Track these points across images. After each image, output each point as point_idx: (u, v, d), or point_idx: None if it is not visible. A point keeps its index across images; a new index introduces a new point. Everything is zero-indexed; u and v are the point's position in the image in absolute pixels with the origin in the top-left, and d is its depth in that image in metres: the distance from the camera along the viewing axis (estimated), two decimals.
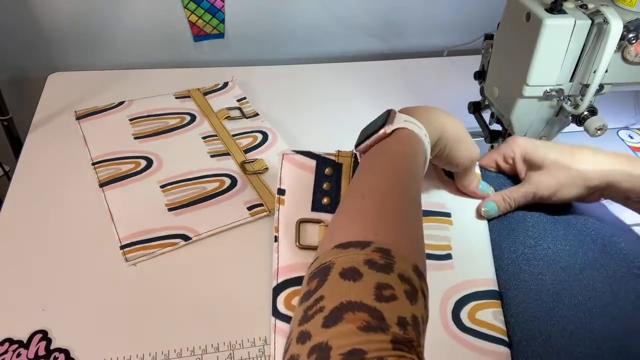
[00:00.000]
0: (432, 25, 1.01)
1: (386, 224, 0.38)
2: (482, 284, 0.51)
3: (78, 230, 0.61)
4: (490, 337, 0.47)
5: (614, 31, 0.51)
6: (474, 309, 0.49)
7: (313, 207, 0.54)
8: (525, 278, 0.50)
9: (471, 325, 0.48)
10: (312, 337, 0.31)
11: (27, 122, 0.77)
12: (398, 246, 0.36)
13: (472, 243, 0.54)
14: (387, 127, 0.47)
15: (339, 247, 0.36)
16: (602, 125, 0.56)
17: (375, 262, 0.34)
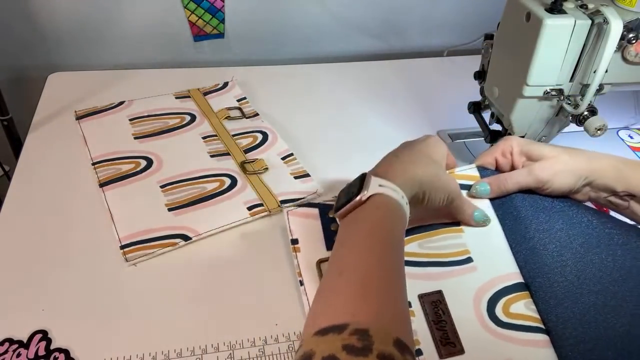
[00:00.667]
0: (432, 25, 1.01)
1: (363, 302, 0.38)
2: (507, 278, 0.52)
3: (78, 230, 0.61)
4: (528, 327, 0.49)
5: (614, 31, 0.51)
6: (506, 303, 0.51)
7: (327, 247, 0.57)
8: (546, 262, 0.52)
9: (508, 320, 0.50)
10: None
11: (27, 122, 0.77)
12: (377, 323, 0.36)
13: (489, 243, 0.55)
14: (362, 193, 0.46)
15: (318, 334, 0.37)
16: (602, 125, 0.56)
17: (353, 347, 0.34)
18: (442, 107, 0.86)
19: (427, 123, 0.82)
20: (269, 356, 0.50)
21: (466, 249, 0.55)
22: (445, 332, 0.49)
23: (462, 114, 0.72)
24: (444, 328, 0.49)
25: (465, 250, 0.55)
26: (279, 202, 0.65)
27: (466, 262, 0.54)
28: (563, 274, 0.51)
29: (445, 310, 0.50)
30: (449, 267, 0.53)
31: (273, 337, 0.51)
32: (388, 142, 0.78)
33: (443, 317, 0.50)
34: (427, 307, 0.50)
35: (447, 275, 0.53)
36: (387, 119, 0.83)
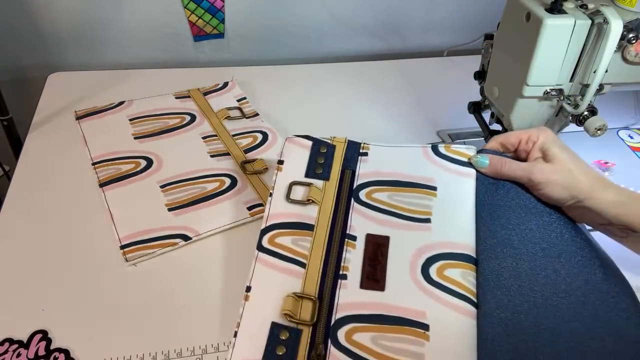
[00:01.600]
0: (432, 25, 1.01)
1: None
2: (457, 247, 0.53)
3: (78, 230, 0.61)
4: (456, 292, 0.50)
5: (614, 31, 0.51)
6: (443, 266, 0.52)
7: (307, 174, 0.60)
8: (503, 250, 0.52)
9: (438, 280, 0.51)
10: None
11: (27, 122, 0.77)
12: None
13: (454, 214, 0.56)
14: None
15: None
16: (602, 125, 0.56)
17: None
18: (442, 107, 0.86)
19: (427, 123, 0.82)
20: None
21: (429, 211, 0.56)
22: (374, 269, 0.51)
23: (462, 114, 0.72)
24: (375, 266, 0.51)
25: (427, 212, 0.56)
26: None
27: (423, 222, 0.55)
28: (515, 266, 0.51)
29: (384, 254, 0.52)
30: (405, 220, 0.55)
31: None
32: (388, 142, 0.78)
33: (379, 258, 0.52)
34: (369, 245, 0.53)
35: (400, 226, 0.55)
36: (387, 119, 0.83)
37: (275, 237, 0.55)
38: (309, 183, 0.58)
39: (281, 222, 0.56)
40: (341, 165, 0.61)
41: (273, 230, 0.55)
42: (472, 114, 0.70)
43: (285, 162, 0.60)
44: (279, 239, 0.54)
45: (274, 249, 0.53)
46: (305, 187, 0.58)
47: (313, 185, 0.58)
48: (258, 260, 0.53)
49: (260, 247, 0.54)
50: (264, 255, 0.53)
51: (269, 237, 0.54)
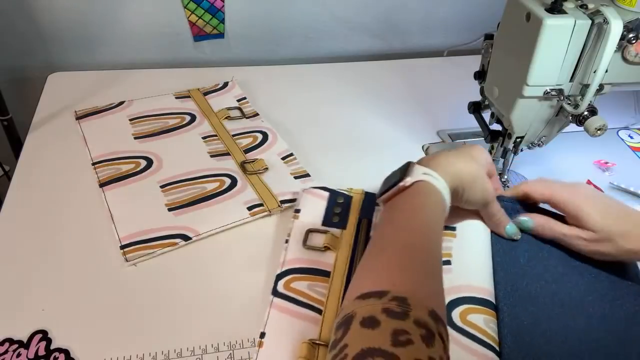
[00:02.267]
0: (432, 25, 1.01)
1: (403, 274, 0.41)
2: (477, 291, 0.53)
3: (78, 230, 0.61)
4: (479, 339, 0.49)
5: (614, 31, 0.51)
6: (466, 310, 0.51)
7: (324, 222, 0.61)
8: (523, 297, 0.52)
9: (461, 325, 0.50)
10: None
11: (27, 122, 0.77)
12: (414, 294, 0.39)
13: (474, 255, 0.56)
14: (406, 179, 0.49)
15: (360, 298, 0.40)
16: (602, 125, 0.56)
17: (392, 310, 0.37)
18: (442, 107, 0.86)
19: (427, 123, 0.82)
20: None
21: (448, 253, 0.56)
22: None
23: (462, 114, 0.72)
24: None
25: (447, 254, 0.56)
26: (279, 202, 0.65)
27: (444, 264, 0.54)
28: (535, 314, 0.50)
29: None
30: None
31: None
32: (388, 142, 0.78)
33: None
34: None
35: None
36: (387, 119, 0.83)
37: (290, 282, 0.54)
38: (326, 231, 0.59)
39: (297, 268, 0.56)
40: (358, 215, 0.62)
41: (289, 275, 0.55)
42: (472, 114, 0.70)
43: (302, 211, 0.61)
44: (294, 284, 0.54)
45: (290, 294, 0.53)
46: (322, 234, 0.59)
47: (330, 232, 0.59)
48: (273, 306, 0.52)
49: (275, 292, 0.53)
50: (279, 300, 0.53)
51: (285, 282, 0.54)
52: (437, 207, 0.48)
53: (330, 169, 0.72)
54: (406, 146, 0.77)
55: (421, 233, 0.46)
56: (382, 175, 0.71)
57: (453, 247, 0.57)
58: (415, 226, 0.46)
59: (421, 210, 0.47)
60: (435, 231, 0.47)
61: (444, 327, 0.39)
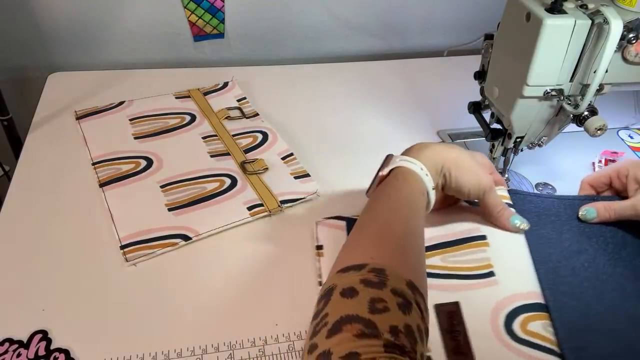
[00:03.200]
0: (432, 25, 1.01)
1: (380, 249, 0.44)
2: (528, 297, 0.53)
3: (78, 230, 0.61)
4: (544, 347, 0.49)
5: (614, 31, 0.51)
6: (525, 320, 0.51)
7: None
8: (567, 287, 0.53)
9: (525, 336, 0.50)
10: (318, 347, 0.37)
11: (27, 122, 0.77)
12: (392, 266, 0.41)
13: (513, 259, 0.56)
14: (383, 170, 0.53)
15: (341, 272, 0.42)
16: (602, 125, 0.56)
17: (369, 281, 0.40)
18: (442, 107, 0.86)
19: (427, 123, 0.82)
20: (269, 356, 0.50)
21: (489, 263, 0.56)
22: (458, 342, 0.49)
23: (462, 114, 0.72)
24: (457, 338, 0.49)
25: (488, 264, 0.55)
26: (279, 202, 0.65)
27: (488, 276, 0.55)
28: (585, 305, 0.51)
29: (460, 321, 0.50)
30: (469, 280, 0.54)
31: (273, 337, 0.51)
32: (388, 142, 0.78)
33: (457, 327, 0.50)
34: (442, 316, 0.51)
35: (465, 288, 0.53)
36: (387, 118, 0.83)
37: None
38: None
39: None
40: None
41: None
42: (472, 114, 0.70)
43: (324, 247, 0.59)
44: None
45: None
46: None
47: None
48: None
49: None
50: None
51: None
52: (415, 188, 0.51)
53: (330, 169, 0.72)
54: (406, 146, 0.76)
55: (398, 211, 0.48)
56: None
57: (491, 257, 0.56)
58: (392, 206, 0.49)
59: (398, 192, 0.50)
60: (412, 209, 0.49)
61: (422, 298, 0.41)
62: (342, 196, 0.68)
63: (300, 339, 0.51)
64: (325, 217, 0.62)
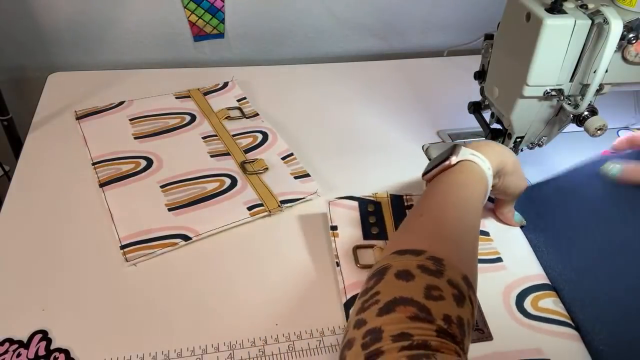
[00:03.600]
0: (432, 25, 1.01)
1: (440, 238, 0.44)
2: (535, 279, 0.57)
3: (78, 230, 0.61)
4: (557, 320, 0.52)
5: (614, 31, 0.51)
6: (535, 299, 0.54)
7: (365, 236, 0.60)
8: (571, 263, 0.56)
9: (536, 313, 0.53)
10: (367, 323, 0.36)
11: (27, 122, 0.77)
12: (449, 258, 0.41)
13: (515, 249, 0.61)
14: (452, 158, 0.52)
15: (397, 253, 0.42)
16: (602, 125, 0.56)
17: (427, 268, 0.39)
18: (442, 107, 0.86)
19: (427, 123, 0.82)
20: (269, 356, 0.50)
21: (496, 251, 0.59)
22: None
23: (462, 114, 0.72)
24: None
25: (495, 252, 0.59)
26: (279, 202, 0.65)
27: (496, 261, 0.58)
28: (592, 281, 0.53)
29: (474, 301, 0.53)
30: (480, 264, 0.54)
31: (273, 337, 0.51)
32: (388, 142, 0.78)
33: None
34: None
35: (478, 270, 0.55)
36: (387, 119, 0.83)
37: None
38: (371, 245, 0.58)
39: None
40: (393, 222, 0.61)
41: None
42: (472, 114, 0.70)
43: (339, 227, 0.60)
44: None
45: None
46: (369, 249, 0.58)
47: (377, 246, 0.58)
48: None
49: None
50: None
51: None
52: (479, 186, 0.51)
53: (330, 168, 0.72)
54: (406, 146, 0.77)
55: (460, 207, 0.48)
56: (383, 175, 0.71)
57: (496, 247, 0.60)
58: (455, 200, 0.49)
59: (463, 187, 0.50)
60: (474, 207, 0.49)
61: (474, 294, 0.41)
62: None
63: (300, 339, 0.51)
64: (337, 197, 0.63)
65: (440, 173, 0.52)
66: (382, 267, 0.40)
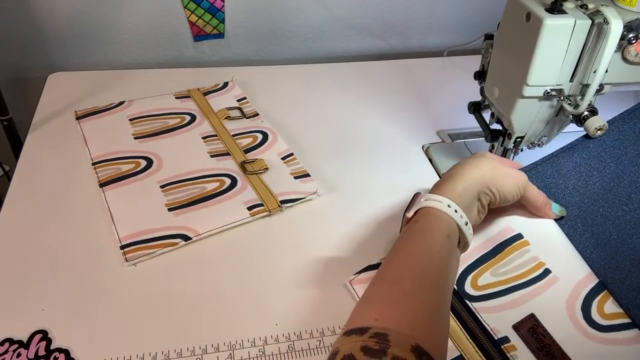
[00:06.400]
0: (432, 25, 1.01)
1: (387, 307, 0.42)
2: (588, 281, 0.52)
3: (78, 230, 0.61)
4: (626, 325, 0.49)
5: (614, 31, 0.51)
6: (599, 305, 0.50)
7: None
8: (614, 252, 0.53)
9: (607, 322, 0.49)
10: None
11: (27, 122, 0.77)
12: (396, 328, 0.39)
13: (557, 248, 0.55)
14: (409, 211, 0.50)
15: (345, 334, 0.40)
16: (602, 125, 0.56)
17: (369, 348, 0.37)
18: (442, 107, 0.86)
19: (427, 123, 0.82)
20: (269, 356, 0.50)
21: (540, 262, 0.54)
22: (552, 355, 0.47)
23: (462, 114, 0.72)
24: (550, 351, 0.48)
25: (540, 263, 0.54)
26: (279, 202, 0.65)
27: (545, 275, 0.53)
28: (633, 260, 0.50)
29: (545, 334, 0.49)
30: (530, 287, 0.52)
31: (273, 337, 0.51)
32: (388, 142, 0.78)
33: (545, 341, 0.48)
34: (526, 335, 0.49)
35: (533, 295, 0.52)
36: (387, 119, 0.83)
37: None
38: None
39: None
40: None
41: None
42: (472, 114, 0.70)
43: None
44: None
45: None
46: None
47: None
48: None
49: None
50: None
51: None
52: (438, 232, 0.47)
53: (330, 168, 0.72)
54: (406, 146, 0.77)
55: (413, 264, 0.45)
56: (383, 175, 0.71)
57: (537, 254, 0.55)
58: (409, 254, 0.46)
59: (418, 236, 0.47)
60: (430, 256, 0.45)
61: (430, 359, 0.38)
62: (342, 196, 0.68)
63: (300, 339, 0.51)
64: (355, 274, 0.56)
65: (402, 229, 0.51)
66: (333, 353, 0.39)
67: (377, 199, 0.67)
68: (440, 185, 0.52)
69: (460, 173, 0.52)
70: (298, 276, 0.57)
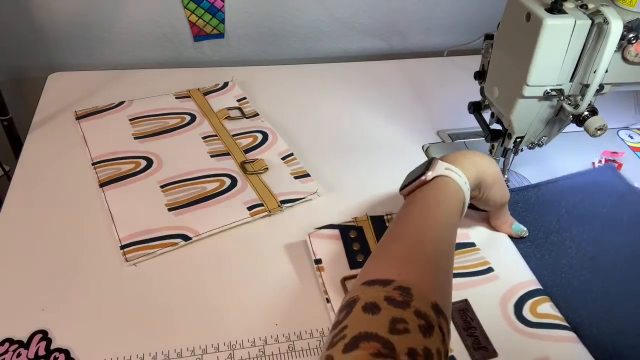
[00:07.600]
0: (432, 25, 1.01)
1: (410, 265, 0.43)
2: (528, 285, 0.56)
3: (78, 230, 0.61)
4: (556, 325, 0.52)
5: (614, 31, 0.51)
6: (533, 305, 0.54)
7: (351, 266, 0.58)
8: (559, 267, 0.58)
9: (536, 319, 0.52)
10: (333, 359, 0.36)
11: (27, 122, 0.77)
12: (418, 286, 0.40)
13: (504, 256, 0.60)
14: (427, 174, 0.50)
15: (365, 284, 0.41)
16: (602, 125, 0.56)
17: (393, 299, 0.39)
18: (442, 107, 0.86)
19: (427, 123, 0.82)
20: (269, 356, 0.50)
21: (486, 261, 0.58)
22: (476, 338, 0.51)
23: (462, 114, 0.72)
24: (474, 334, 0.51)
25: (485, 262, 0.58)
26: (279, 202, 0.65)
27: (487, 272, 0.57)
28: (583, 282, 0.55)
29: (473, 317, 0.52)
30: (472, 277, 0.56)
31: (273, 337, 0.51)
32: (388, 142, 0.78)
33: (472, 324, 0.52)
34: (455, 315, 0.52)
35: (471, 284, 0.55)
36: (387, 119, 0.83)
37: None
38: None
39: None
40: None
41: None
42: (472, 114, 0.70)
43: (323, 260, 0.57)
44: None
45: None
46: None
47: None
48: None
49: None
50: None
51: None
52: (454, 203, 0.49)
53: (330, 169, 0.72)
54: (406, 146, 0.77)
55: (433, 227, 0.47)
56: (383, 175, 0.71)
57: (484, 256, 0.59)
58: (429, 220, 0.47)
59: (437, 205, 0.49)
60: (448, 226, 0.48)
61: (446, 321, 0.40)
62: (342, 196, 0.68)
63: (300, 339, 0.51)
64: (316, 228, 0.60)
65: (416, 189, 0.51)
66: (351, 299, 0.40)
67: (377, 199, 0.67)
68: (457, 158, 0.53)
69: (479, 160, 0.54)
70: (298, 276, 0.57)
